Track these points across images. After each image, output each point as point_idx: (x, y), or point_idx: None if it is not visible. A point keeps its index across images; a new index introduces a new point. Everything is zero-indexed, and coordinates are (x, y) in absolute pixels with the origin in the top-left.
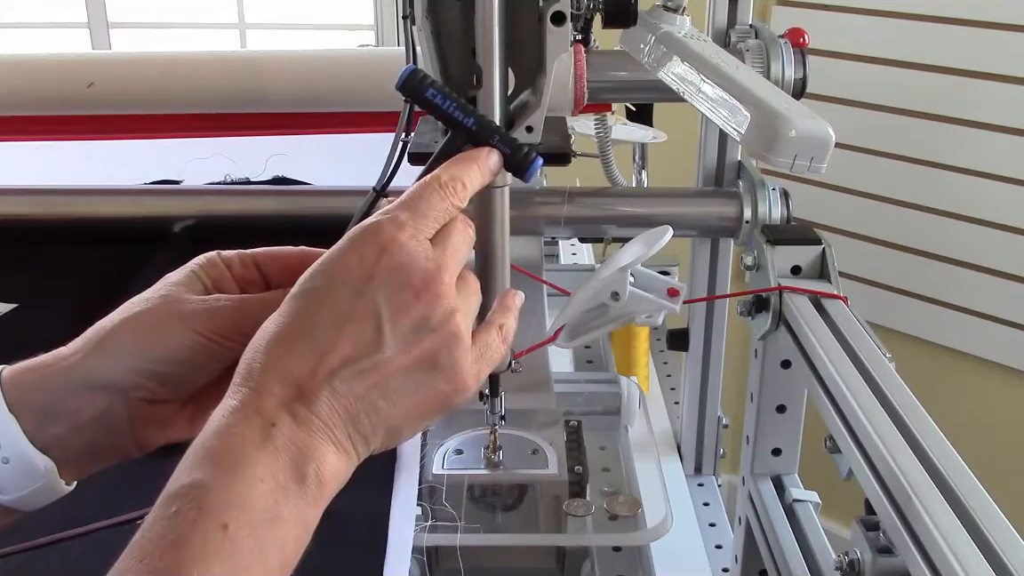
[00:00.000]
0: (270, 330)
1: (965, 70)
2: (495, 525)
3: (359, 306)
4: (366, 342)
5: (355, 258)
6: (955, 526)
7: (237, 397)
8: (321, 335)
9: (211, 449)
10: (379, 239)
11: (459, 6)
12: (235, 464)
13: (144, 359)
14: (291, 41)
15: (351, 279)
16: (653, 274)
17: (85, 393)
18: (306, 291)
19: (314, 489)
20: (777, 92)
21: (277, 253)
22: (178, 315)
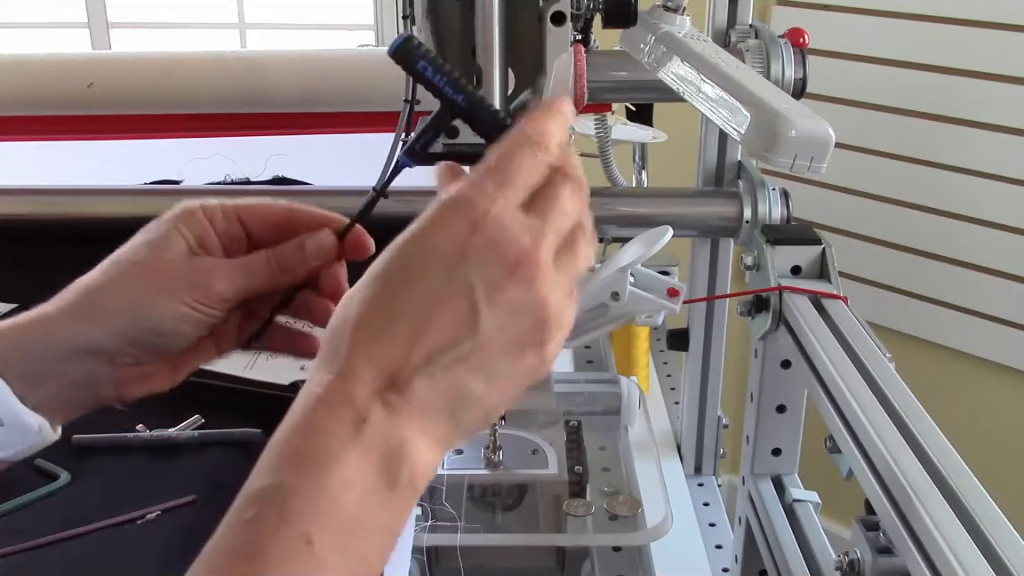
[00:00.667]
0: (355, 310)
1: (965, 70)
2: (495, 525)
3: (452, 286)
4: (461, 325)
5: (445, 235)
6: (955, 526)
7: (322, 384)
8: (414, 317)
9: (295, 448)
10: (469, 214)
11: (459, 6)
12: (321, 465)
13: (130, 328)
14: (291, 41)
15: (443, 257)
16: (653, 274)
17: (71, 357)
18: (393, 270)
19: (406, 491)
20: (777, 92)
21: (261, 208)
22: (164, 285)
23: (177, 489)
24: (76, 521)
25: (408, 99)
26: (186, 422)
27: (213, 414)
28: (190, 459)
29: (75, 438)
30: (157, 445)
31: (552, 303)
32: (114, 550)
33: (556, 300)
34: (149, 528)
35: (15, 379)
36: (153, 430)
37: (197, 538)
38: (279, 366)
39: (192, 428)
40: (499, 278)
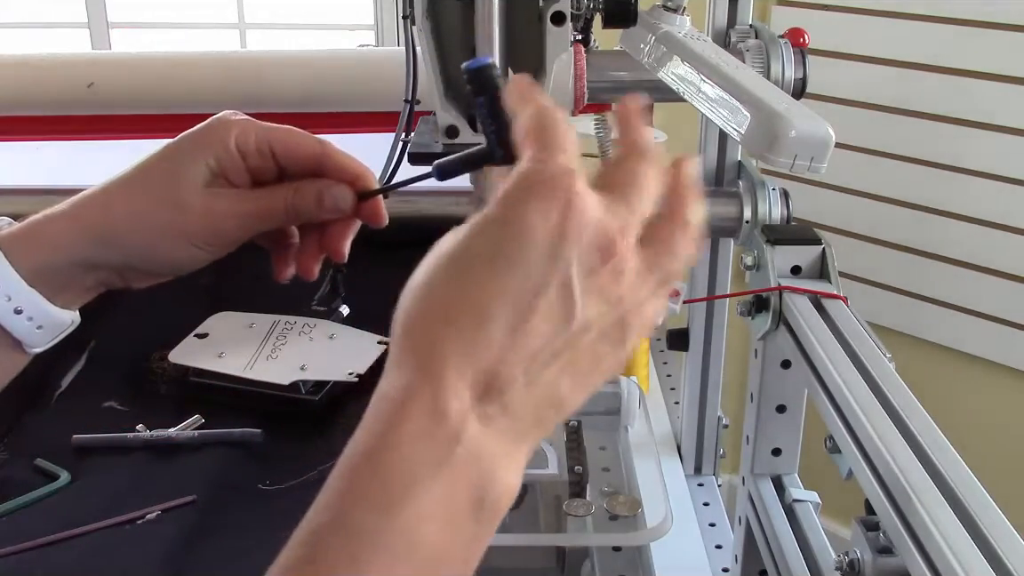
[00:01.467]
0: (437, 302)
1: (965, 70)
2: None
3: (553, 272)
4: (560, 317)
5: (538, 216)
6: (955, 526)
7: (405, 390)
8: (513, 309)
9: (371, 473)
10: (562, 192)
11: (459, 6)
12: (402, 497)
13: (143, 261)
14: (291, 41)
15: (537, 239)
16: None
17: (90, 270)
18: (479, 254)
19: (490, 517)
20: (777, 92)
21: (295, 145)
22: (178, 227)
23: (177, 489)
24: (76, 521)
25: (408, 99)
26: (186, 422)
27: (213, 414)
28: (190, 459)
29: (75, 438)
30: (157, 445)
31: (635, 295)
32: (114, 550)
33: (640, 293)
34: (149, 528)
35: (45, 289)
36: (153, 430)
37: (197, 538)
38: (279, 366)
39: (192, 428)
40: (593, 263)
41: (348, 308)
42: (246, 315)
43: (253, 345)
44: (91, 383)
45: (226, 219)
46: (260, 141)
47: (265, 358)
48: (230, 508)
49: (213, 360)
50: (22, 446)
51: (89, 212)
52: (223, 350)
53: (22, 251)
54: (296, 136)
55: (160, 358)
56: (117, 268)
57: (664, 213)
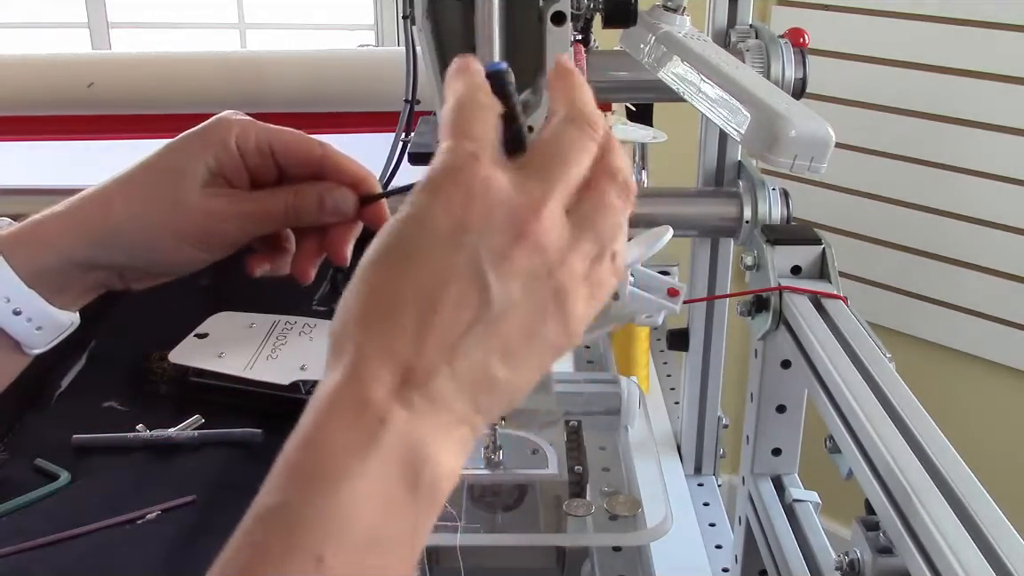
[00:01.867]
0: (355, 302)
1: (965, 70)
2: (495, 525)
3: (456, 261)
4: (472, 302)
5: (439, 207)
6: (955, 526)
7: (330, 387)
8: (421, 300)
9: (304, 460)
10: (460, 180)
11: (459, 6)
12: (334, 480)
13: (142, 261)
14: (291, 41)
15: (440, 231)
16: (653, 274)
17: (89, 270)
18: (390, 253)
19: (427, 498)
20: (777, 92)
21: (295, 146)
22: (176, 229)
23: (177, 489)
24: (76, 521)
25: (408, 99)
26: (186, 422)
27: (213, 414)
28: (190, 459)
29: (75, 438)
30: (157, 445)
31: (568, 266)
32: (114, 550)
33: (573, 263)
34: (149, 528)
35: (44, 290)
36: (153, 430)
37: (197, 538)
38: (279, 366)
39: (192, 428)
40: (504, 246)
41: None
42: (246, 315)
43: (253, 345)
44: (91, 383)
45: (225, 220)
46: (260, 141)
47: (265, 358)
48: (230, 508)
49: (213, 360)
50: (22, 446)
51: (88, 213)
52: (223, 350)
53: (21, 252)
54: (297, 137)
55: (160, 358)
56: (116, 269)
57: (590, 170)
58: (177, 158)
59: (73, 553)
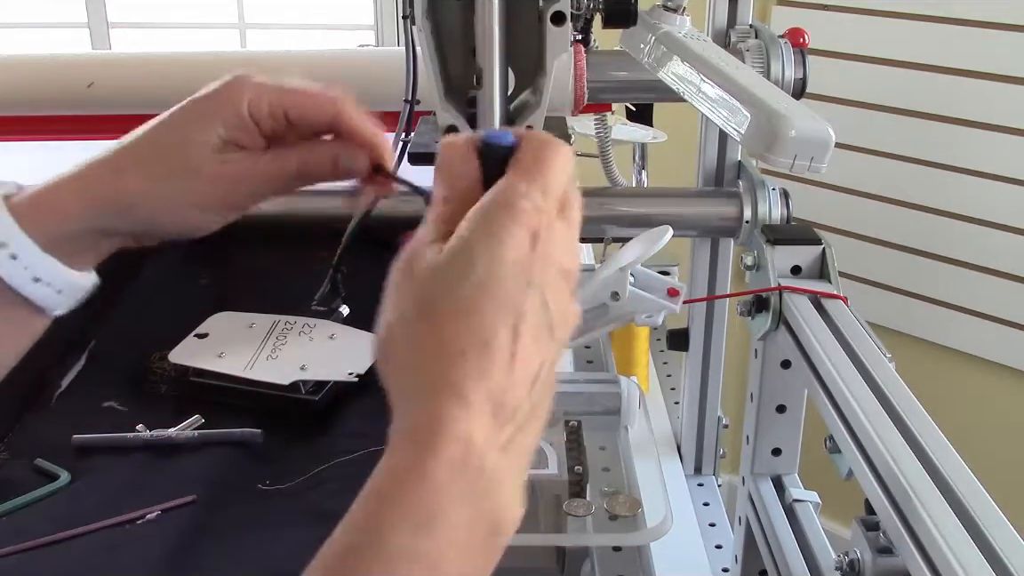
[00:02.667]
0: (432, 326)
1: (965, 70)
2: None
3: (530, 300)
4: (543, 336)
5: (512, 245)
6: (955, 526)
7: (430, 419)
8: (511, 332)
9: (404, 499)
10: (529, 225)
11: (459, 6)
12: (432, 523)
13: (157, 227)
14: (291, 41)
15: (513, 270)
16: (653, 274)
17: (104, 237)
18: (468, 281)
19: (498, 547)
20: (777, 92)
21: (310, 108)
22: (190, 194)
23: (177, 489)
24: (76, 521)
25: (408, 99)
26: (186, 422)
27: (213, 414)
28: (190, 459)
29: (75, 438)
30: (157, 445)
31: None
32: (114, 550)
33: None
34: (149, 528)
35: (61, 255)
36: (153, 430)
37: (197, 538)
38: (279, 366)
39: (192, 428)
40: (561, 287)
41: (348, 308)
42: (246, 315)
43: (253, 345)
44: (91, 383)
45: (238, 184)
46: (273, 106)
47: (265, 358)
48: (230, 508)
49: (213, 360)
50: (22, 446)
51: (99, 182)
52: (223, 350)
53: (34, 220)
54: (311, 99)
55: (160, 358)
56: (129, 233)
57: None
58: (187, 125)
59: (73, 553)
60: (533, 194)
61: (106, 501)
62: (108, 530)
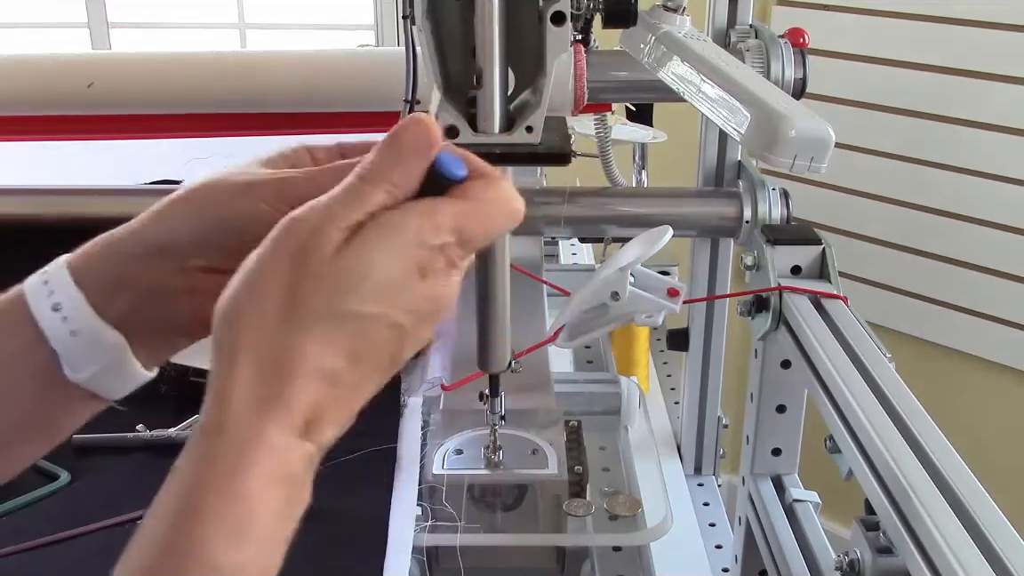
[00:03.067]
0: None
1: (965, 70)
2: (495, 525)
3: (395, 336)
4: (385, 370)
5: (409, 287)
6: (955, 526)
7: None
8: (356, 369)
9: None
10: (431, 265)
11: (459, 6)
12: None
13: (203, 225)
14: (291, 41)
15: (395, 306)
16: (653, 274)
17: (142, 260)
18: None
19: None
20: (777, 92)
21: (364, 147)
22: (245, 184)
23: None
24: (76, 521)
25: (408, 99)
26: (186, 422)
27: None
28: None
29: (75, 438)
30: (157, 445)
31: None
32: (114, 550)
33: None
34: None
35: (92, 290)
36: (153, 430)
37: None
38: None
39: (192, 428)
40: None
41: None
42: None
43: None
44: None
45: (294, 180)
46: (329, 147)
47: None
48: None
49: None
50: None
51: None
52: None
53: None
54: (364, 142)
55: None
56: (176, 249)
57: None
58: (247, 161)
59: (73, 553)
60: (450, 244)
61: (106, 501)
62: (108, 530)
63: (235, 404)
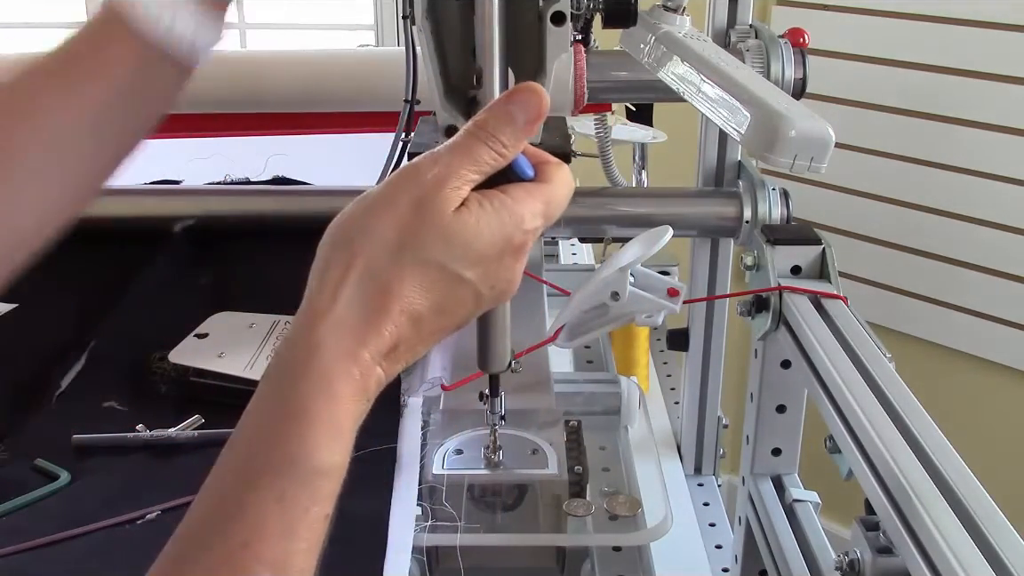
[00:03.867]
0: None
1: (965, 70)
2: (495, 525)
3: (478, 302)
4: (450, 329)
5: (507, 264)
6: (955, 526)
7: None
8: (439, 319)
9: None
10: (525, 246)
11: (459, 6)
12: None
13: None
14: (291, 41)
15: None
16: (653, 274)
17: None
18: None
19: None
20: (777, 92)
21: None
22: None
23: (177, 489)
24: (76, 521)
25: (408, 99)
26: (186, 422)
27: (213, 414)
28: (190, 459)
29: (75, 438)
30: (157, 445)
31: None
32: (114, 550)
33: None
34: (149, 528)
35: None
36: (153, 430)
37: None
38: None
39: (192, 428)
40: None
41: None
42: (246, 315)
43: (253, 345)
44: (91, 383)
45: None
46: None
47: (265, 358)
48: None
49: (213, 360)
50: (22, 446)
51: None
52: (223, 350)
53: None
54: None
55: (160, 358)
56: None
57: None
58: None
59: (73, 553)
60: (539, 227)
61: (106, 501)
62: (108, 530)
63: (334, 320)
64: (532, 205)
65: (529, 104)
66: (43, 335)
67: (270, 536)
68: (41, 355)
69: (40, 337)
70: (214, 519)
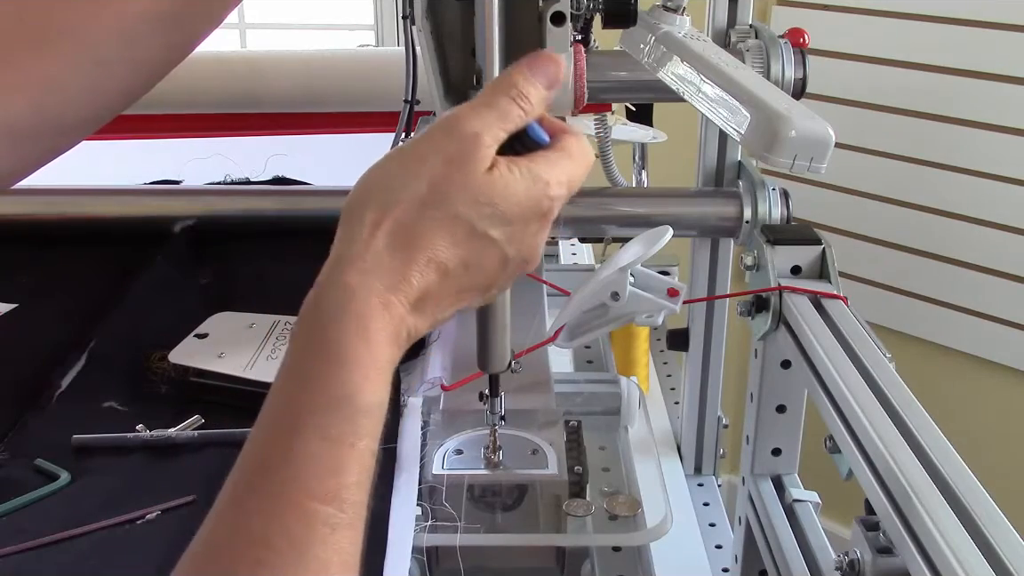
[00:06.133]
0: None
1: (965, 70)
2: (495, 525)
3: (505, 270)
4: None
5: (533, 231)
6: (955, 526)
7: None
8: (467, 277)
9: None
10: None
11: (459, 6)
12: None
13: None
14: (291, 41)
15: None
16: (653, 274)
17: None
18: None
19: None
20: (777, 92)
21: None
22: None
23: (177, 489)
24: (76, 521)
25: (408, 99)
26: (186, 422)
27: (213, 414)
28: (190, 459)
29: (75, 438)
30: (157, 445)
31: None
32: (114, 550)
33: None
34: (149, 528)
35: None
36: (153, 430)
37: None
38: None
39: (192, 428)
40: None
41: None
42: (246, 315)
43: (253, 345)
44: (91, 383)
45: None
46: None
47: (265, 358)
48: None
49: (213, 360)
50: (22, 446)
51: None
52: (223, 350)
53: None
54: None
55: (160, 358)
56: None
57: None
58: None
59: (73, 553)
60: (563, 196)
61: (106, 501)
62: (108, 530)
63: (365, 267)
64: (556, 174)
65: (548, 69)
66: (43, 335)
67: (320, 473)
68: (41, 355)
69: (40, 337)
70: (261, 464)
